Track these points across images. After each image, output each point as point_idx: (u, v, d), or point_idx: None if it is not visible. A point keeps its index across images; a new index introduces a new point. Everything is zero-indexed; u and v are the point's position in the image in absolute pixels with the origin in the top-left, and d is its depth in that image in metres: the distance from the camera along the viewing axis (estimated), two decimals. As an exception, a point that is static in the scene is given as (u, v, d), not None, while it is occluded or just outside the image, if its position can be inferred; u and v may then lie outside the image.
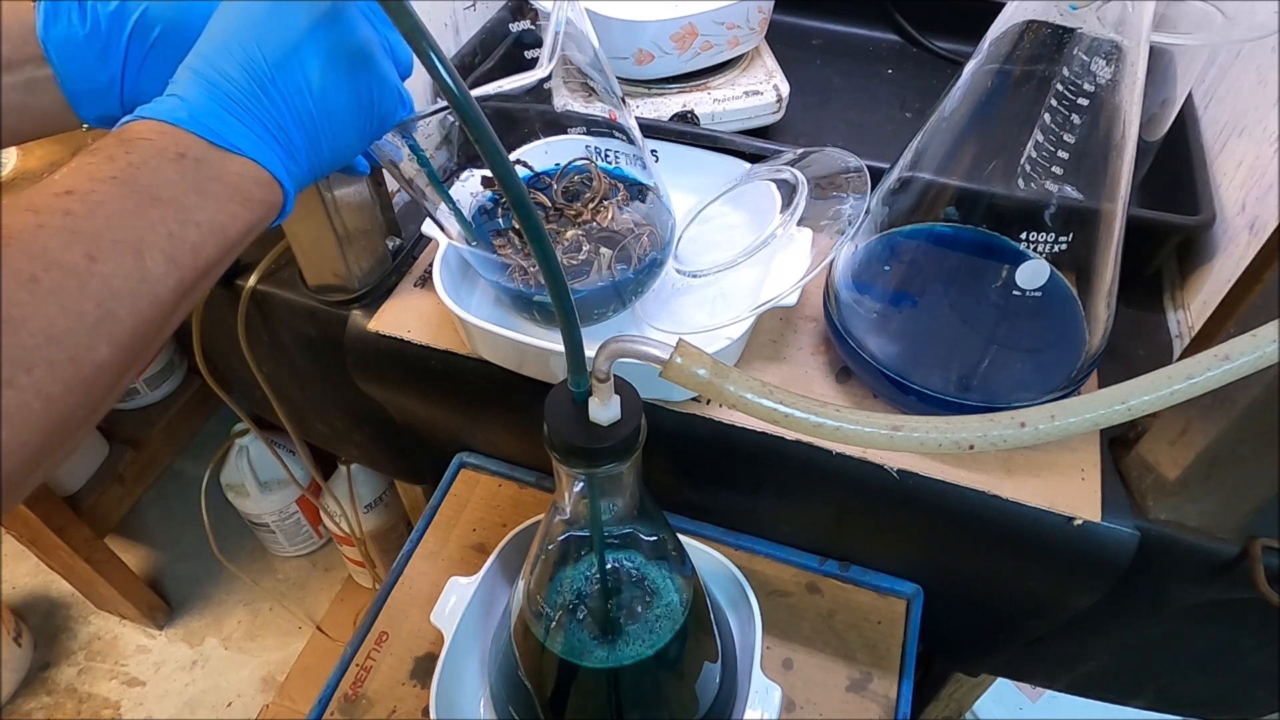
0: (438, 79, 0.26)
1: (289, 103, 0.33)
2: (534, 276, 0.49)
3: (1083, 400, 0.26)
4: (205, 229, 0.30)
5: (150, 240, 0.28)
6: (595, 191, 0.51)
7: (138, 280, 0.28)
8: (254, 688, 1.26)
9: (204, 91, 0.32)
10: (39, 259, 0.25)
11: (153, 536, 1.43)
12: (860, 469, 0.47)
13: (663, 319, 0.51)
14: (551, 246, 0.28)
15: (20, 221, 0.26)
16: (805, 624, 0.53)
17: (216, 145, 0.31)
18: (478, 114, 0.26)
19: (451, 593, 0.49)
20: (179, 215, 0.29)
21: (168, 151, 0.30)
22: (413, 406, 0.61)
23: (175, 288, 0.29)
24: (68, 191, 0.27)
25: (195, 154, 0.30)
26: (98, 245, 0.27)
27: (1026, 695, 0.99)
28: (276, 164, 0.33)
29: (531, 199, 0.48)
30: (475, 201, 0.52)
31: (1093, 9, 0.35)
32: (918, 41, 0.83)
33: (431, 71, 0.26)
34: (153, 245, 0.28)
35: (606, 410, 0.31)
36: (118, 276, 0.27)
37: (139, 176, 0.29)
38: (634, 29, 0.63)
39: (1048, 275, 0.42)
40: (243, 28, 0.33)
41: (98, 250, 0.27)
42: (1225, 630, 0.52)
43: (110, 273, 0.27)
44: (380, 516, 1.12)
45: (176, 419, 1.22)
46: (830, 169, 0.51)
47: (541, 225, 0.27)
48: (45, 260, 0.26)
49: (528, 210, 0.27)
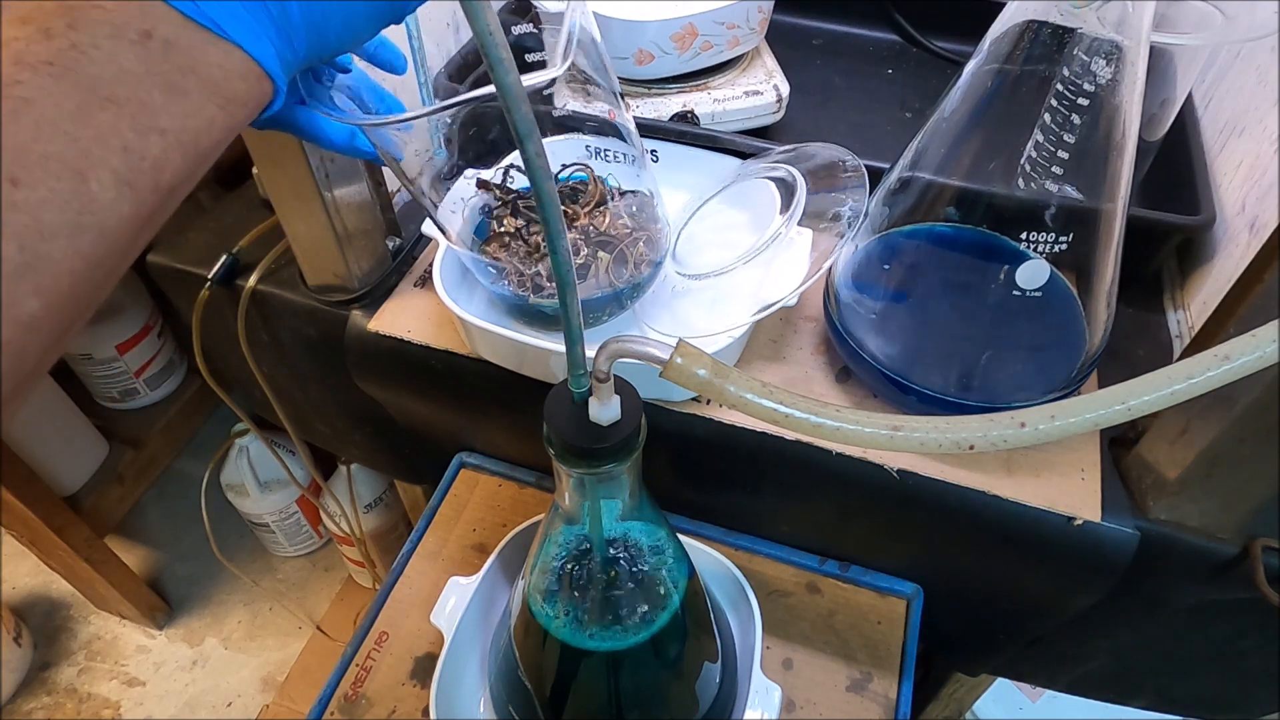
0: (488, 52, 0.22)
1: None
2: (530, 279, 0.49)
3: (1083, 400, 0.26)
4: (171, 138, 0.23)
5: (97, 155, 0.21)
6: (591, 195, 0.52)
7: (78, 210, 0.21)
8: (254, 688, 1.26)
9: None
10: None
11: (153, 536, 1.43)
12: (860, 469, 0.47)
13: (663, 320, 0.51)
14: (564, 233, 0.26)
15: None
16: (805, 624, 0.53)
17: (193, 21, 0.23)
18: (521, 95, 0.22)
19: (451, 593, 0.49)
20: (138, 121, 0.22)
21: (128, 28, 0.22)
22: (413, 406, 0.61)
23: (130, 216, 0.22)
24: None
25: (164, 33, 0.23)
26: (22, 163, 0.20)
27: (1026, 695, 0.99)
28: (269, 51, 0.25)
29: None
30: (469, 204, 0.52)
31: (1093, 9, 0.35)
32: (918, 41, 0.83)
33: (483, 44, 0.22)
34: (100, 162, 0.21)
35: (606, 410, 0.31)
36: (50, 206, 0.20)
37: (85, 64, 0.21)
38: (634, 29, 0.63)
39: (1048, 275, 0.42)
40: None
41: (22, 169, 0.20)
42: (1225, 630, 0.51)
43: (40, 201, 0.20)
44: (380, 516, 1.12)
45: (176, 419, 1.22)
46: (824, 162, 0.51)
47: (559, 213, 0.25)
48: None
49: (550, 199, 0.25)
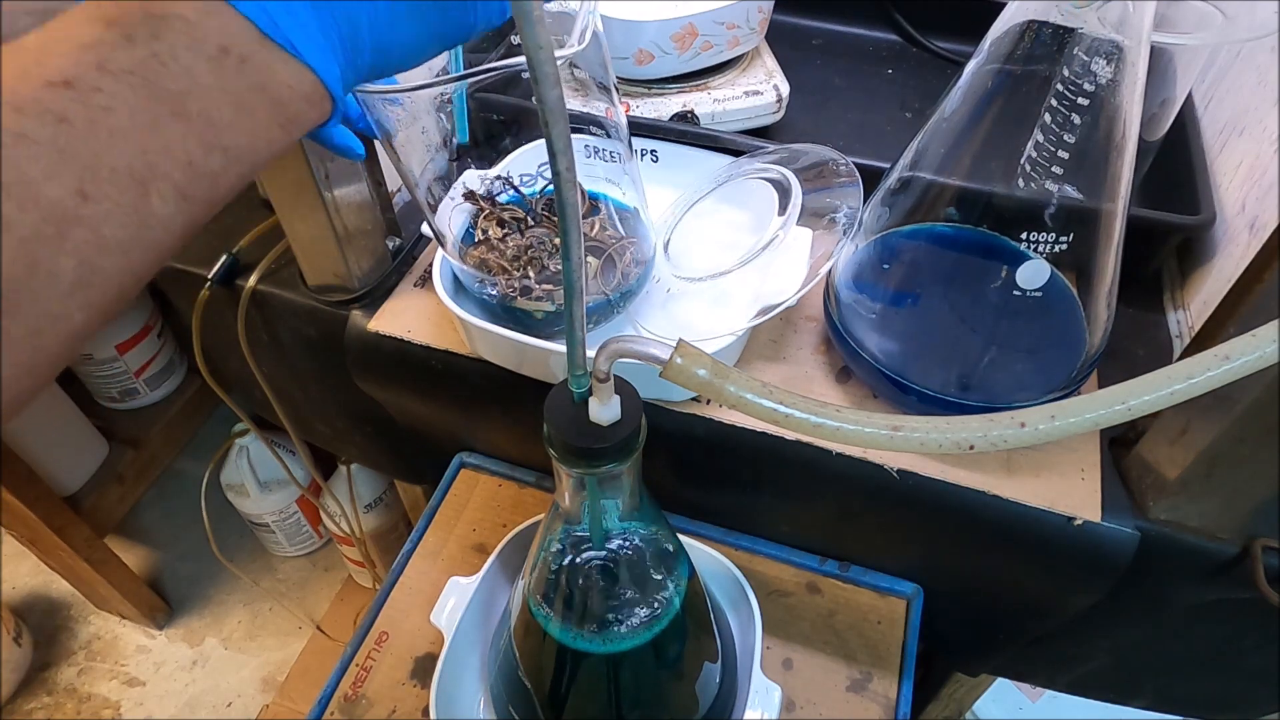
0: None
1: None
2: (518, 281, 0.49)
3: (1083, 400, 0.26)
4: (232, 155, 0.23)
5: (162, 169, 0.21)
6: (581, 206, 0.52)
7: (137, 225, 0.20)
8: (254, 688, 1.26)
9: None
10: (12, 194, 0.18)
11: (153, 536, 1.43)
12: (860, 469, 0.47)
13: (660, 322, 0.51)
14: (581, 242, 0.26)
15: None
16: (805, 624, 0.53)
17: (269, 38, 0.23)
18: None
19: (451, 593, 0.49)
20: (206, 137, 0.22)
21: (207, 43, 0.22)
22: (413, 406, 0.61)
23: (182, 230, 0.22)
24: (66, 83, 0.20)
25: (241, 50, 0.22)
26: (94, 175, 0.19)
27: (1026, 695, 0.99)
28: (335, 73, 0.25)
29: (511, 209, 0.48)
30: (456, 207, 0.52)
31: (1093, 9, 0.35)
32: (918, 41, 0.83)
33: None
34: (164, 176, 0.21)
35: (606, 410, 0.31)
36: (112, 220, 0.20)
37: (163, 76, 0.21)
38: (634, 29, 0.63)
39: (1048, 275, 0.42)
40: None
41: (91, 182, 0.19)
42: (1225, 630, 0.51)
43: (103, 215, 0.20)
44: (380, 516, 1.12)
45: (176, 419, 1.22)
46: (815, 162, 0.51)
47: (579, 225, 0.25)
48: (21, 195, 0.18)
49: (573, 212, 0.25)
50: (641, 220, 0.52)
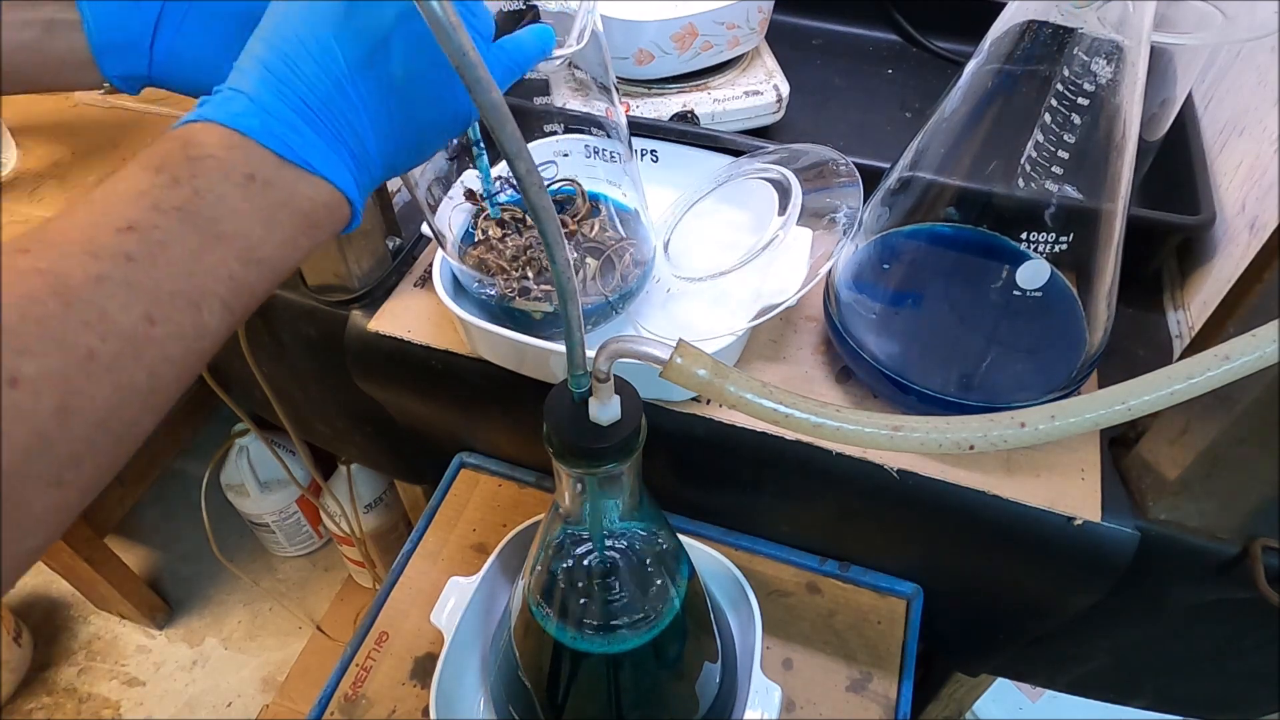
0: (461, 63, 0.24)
1: (368, 105, 0.28)
2: (516, 282, 0.49)
3: (1083, 400, 0.26)
4: (266, 266, 0.26)
5: (210, 289, 0.24)
6: (580, 208, 0.52)
7: (193, 339, 0.24)
8: (254, 688, 1.26)
9: (274, 91, 0.27)
10: (96, 328, 0.22)
11: (153, 536, 1.43)
12: (860, 469, 0.47)
13: (660, 322, 0.51)
14: (563, 243, 0.26)
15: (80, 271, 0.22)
16: (805, 624, 0.53)
17: (287, 160, 0.27)
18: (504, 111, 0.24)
19: (451, 593, 0.49)
20: (243, 253, 0.25)
21: (235, 173, 0.26)
22: (413, 406, 0.61)
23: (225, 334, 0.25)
24: (130, 228, 0.23)
25: (265, 175, 0.26)
26: (157, 302, 0.23)
27: (1026, 695, 0.99)
28: (348, 180, 0.29)
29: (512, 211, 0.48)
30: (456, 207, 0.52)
31: (1093, 9, 0.35)
32: (918, 41, 0.83)
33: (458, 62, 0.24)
34: (212, 294, 0.24)
35: (606, 410, 0.31)
36: (174, 339, 0.23)
37: (204, 207, 0.25)
38: (634, 29, 0.63)
39: (1048, 275, 0.42)
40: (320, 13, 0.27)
41: (156, 308, 0.23)
42: (1225, 630, 0.51)
43: (166, 336, 0.23)
44: (380, 516, 1.12)
45: (176, 419, 1.22)
46: (815, 162, 0.51)
47: (557, 225, 0.26)
48: (103, 328, 0.22)
49: (546, 213, 0.25)
50: (642, 221, 0.52)
